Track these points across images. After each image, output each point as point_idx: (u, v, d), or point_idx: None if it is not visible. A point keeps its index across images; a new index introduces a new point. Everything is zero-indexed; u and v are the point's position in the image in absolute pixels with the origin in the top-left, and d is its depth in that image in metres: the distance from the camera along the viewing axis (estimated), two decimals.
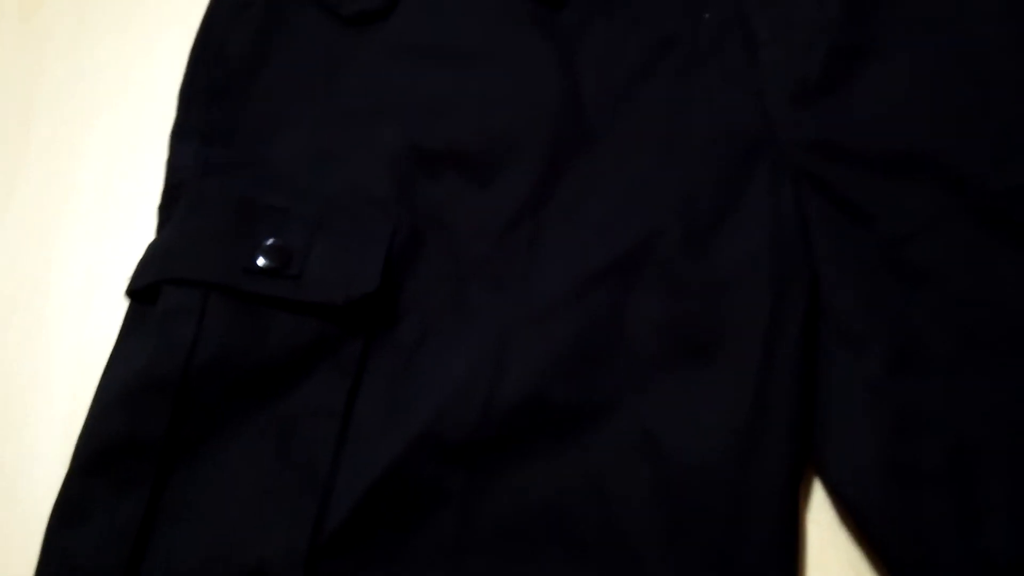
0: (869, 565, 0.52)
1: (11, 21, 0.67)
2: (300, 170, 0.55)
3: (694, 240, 0.53)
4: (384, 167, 0.55)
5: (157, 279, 0.52)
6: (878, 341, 0.51)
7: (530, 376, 0.51)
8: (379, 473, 0.49)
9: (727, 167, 0.54)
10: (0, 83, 0.65)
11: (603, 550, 0.49)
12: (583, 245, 0.54)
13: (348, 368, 0.51)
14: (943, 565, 0.48)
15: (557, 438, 0.50)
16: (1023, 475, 0.48)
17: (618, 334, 0.52)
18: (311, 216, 0.53)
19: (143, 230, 0.59)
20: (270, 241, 0.52)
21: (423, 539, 0.49)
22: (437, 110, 0.56)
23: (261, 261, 0.52)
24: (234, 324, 0.51)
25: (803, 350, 0.51)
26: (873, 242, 0.53)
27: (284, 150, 0.56)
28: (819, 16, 0.56)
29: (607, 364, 0.51)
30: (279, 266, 0.52)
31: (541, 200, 0.55)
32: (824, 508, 0.53)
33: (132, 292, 0.53)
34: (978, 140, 0.53)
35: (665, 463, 0.50)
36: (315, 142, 0.56)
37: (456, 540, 0.49)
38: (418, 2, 0.59)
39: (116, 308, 0.58)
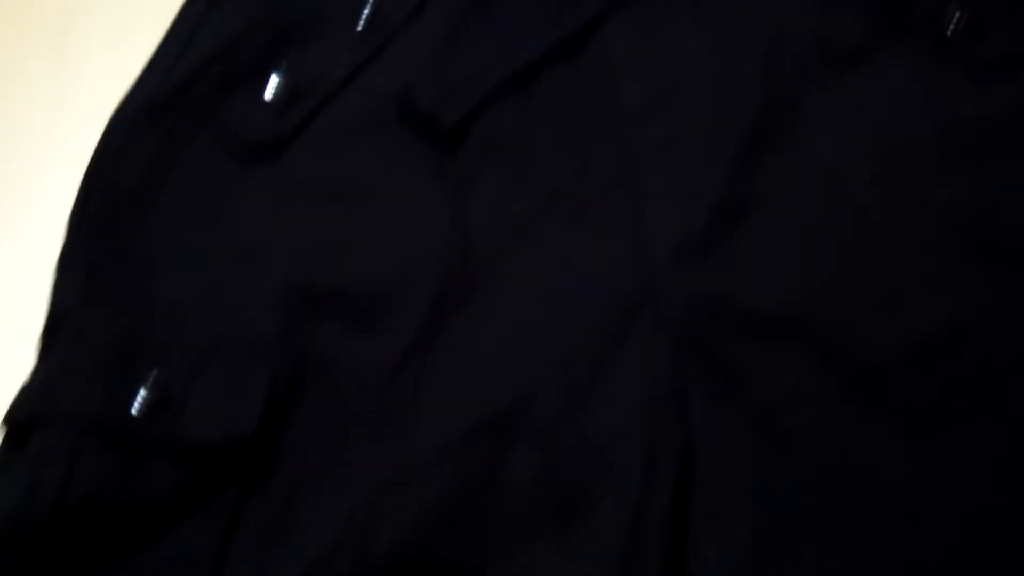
0: None
1: None
2: (185, 307, 0.55)
3: (570, 399, 0.54)
4: (270, 308, 0.55)
5: (31, 415, 0.52)
6: (747, 514, 0.51)
7: (404, 534, 0.51)
8: None
9: (606, 325, 0.55)
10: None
11: None
12: (462, 400, 0.54)
13: (221, 516, 0.51)
14: None
15: None
16: None
17: (492, 493, 0.52)
18: (192, 356, 0.53)
19: None
20: (150, 380, 0.52)
21: None
22: (325, 251, 0.57)
23: (139, 400, 0.52)
24: (107, 466, 0.51)
25: (672, 520, 0.52)
26: (747, 408, 0.53)
27: (171, 285, 0.56)
28: (706, 171, 0.58)
29: (481, 523, 0.52)
30: (156, 406, 0.52)
31: (424, 350, 0.55)
32: None
33: (6, 426, 0.52)
34: (850, 308, 0.55)
35: None
36: (203, 278, 0.56)
37: None
38: (315, 137, 0.59)
39: None
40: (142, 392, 0.52)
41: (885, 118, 0.58)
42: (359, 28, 0.61)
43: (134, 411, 0.52)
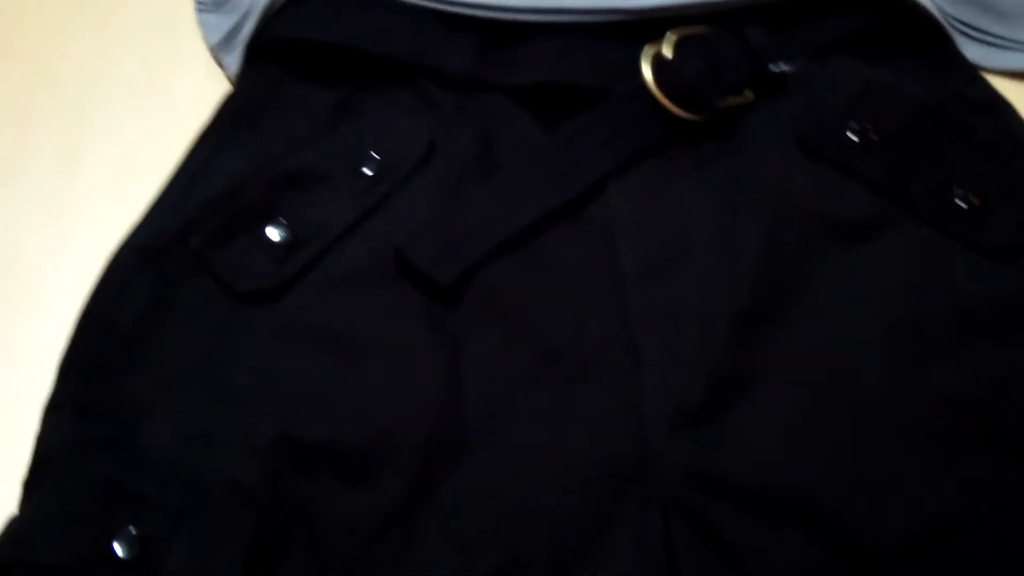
0: None
1: None
2: (171, 454, 0.55)
3: (558, 569, 0.53)
4: (256, 457, 0.55)
5: (12, 561, 0.51)
6: None
7: None
8: None
9: (597, 494, 0.54)
10: None
11: None
12: (450, 563, 0.53)
13: None
14: None
15: None
16: None
17: None
18: (175, 505, 0.53)
19: None
20: (131, 529, 0.52)
21: None
22: (317, 402, 0.56)
23: (119, 550, 0.51)
24: None
25: None
26: None
27: (159, 431, 0.55)
28: (704, 339, 0.57)
29: None
30: (137, 556, 0.51)
31: (413, 508, 0.54)
32: None
33: None
34: (848, 491, 0.54)
35: None
36: (191, 424, 0.55)
37: None
38: (313, 286, 0.59)
39: None
40: (122, 545, 0.51)
41: (890, 297, 0.58)
42: (361, 181, 0.60)
43: (113, 564, 0.51)
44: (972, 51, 0.68)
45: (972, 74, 0.65)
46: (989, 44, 0.68)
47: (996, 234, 0.59)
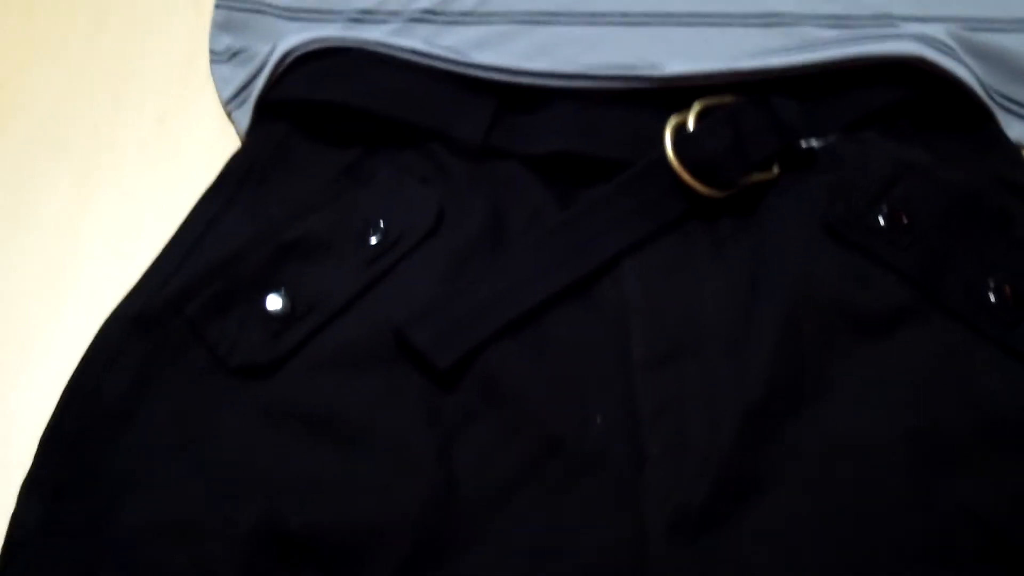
0: None
1: None
2: (147, 542, 0.53)
3: None
4: (237, 546, 0.53)
5: None
6: None
7: None
8: None
9: None
10: None
11: None
12: None
13: None
14: None
15: None
16: None
17: None
18: None
19: None
20: None
21: None
22: (303, 489, 0.54)
23: None
24: None
25: None
26: None
27: (139, 513, 0.54)
28: (712, 438, 0.54)
29: None
30: None
31: None
32: None
33: None
34: None
35: None
36: (173, 507, 0.54)
37: None
38: (308, 362, 0.57)
39: None
40: None
41: (912, 399, 0.55)
42: (366, 251, 0.58)
43: None
44: (1016, 129, 0.64)
45: (1015, 156, 0.62)
46: None
47: None
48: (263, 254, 0.58)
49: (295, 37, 0.63)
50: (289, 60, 0.63)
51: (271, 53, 0.64)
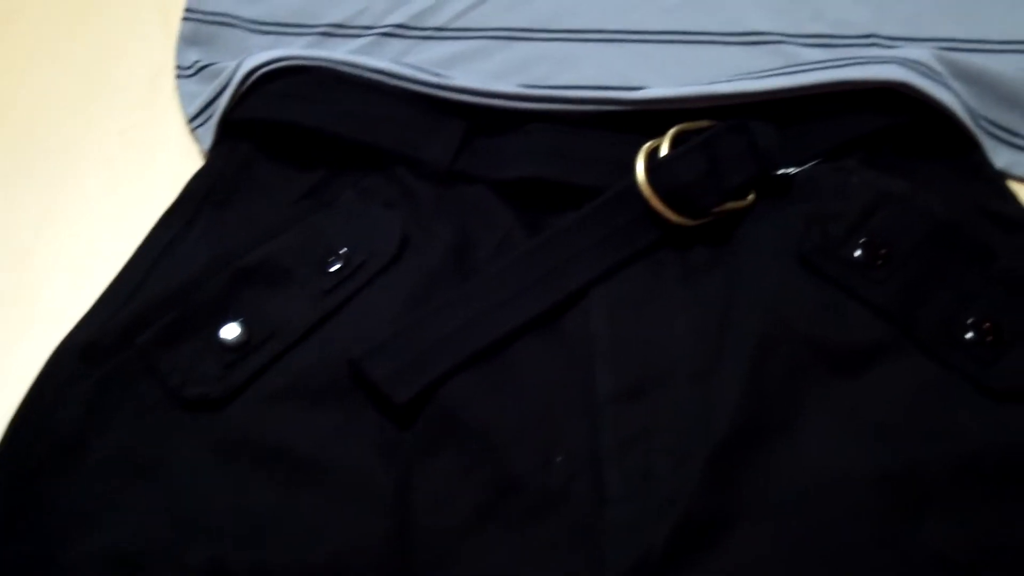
0: None
1: None
2: None
3: None
4: None
5: None
6: None
7: None
8: None
9: None
10: None
11: None
12: None
13: None
14: None
15: None
16: None
17: None
18: None
19: None
20: None
21: None
22: (256, 528, 0.52)
23: None
24: None
25: None
26: None
27: (84, 552, 0.52)
28: (677, 478, 0.53)
29: None
30: None
31: None
32: None
33: None
34: None
35: None
36: (120, 545, 0.52)
37: None
38: (262, 395, 0.55)
39: None
40: None
41: (884, 439, 0.53)
42: (327, 278, 0.57)
43: None
44: (1002, 157, 0.62)
45: (999, 185, 0.60)
46: (1022, 149, 0.62)
47: (1008, 375, 0.54)
48: (220, 281, 0.57)
49: (260, 55, 0.62)
50: (254, 78, 0.61)
51: (236, 70, 0.62)
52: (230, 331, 0.56)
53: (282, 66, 0.61)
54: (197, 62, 0.67)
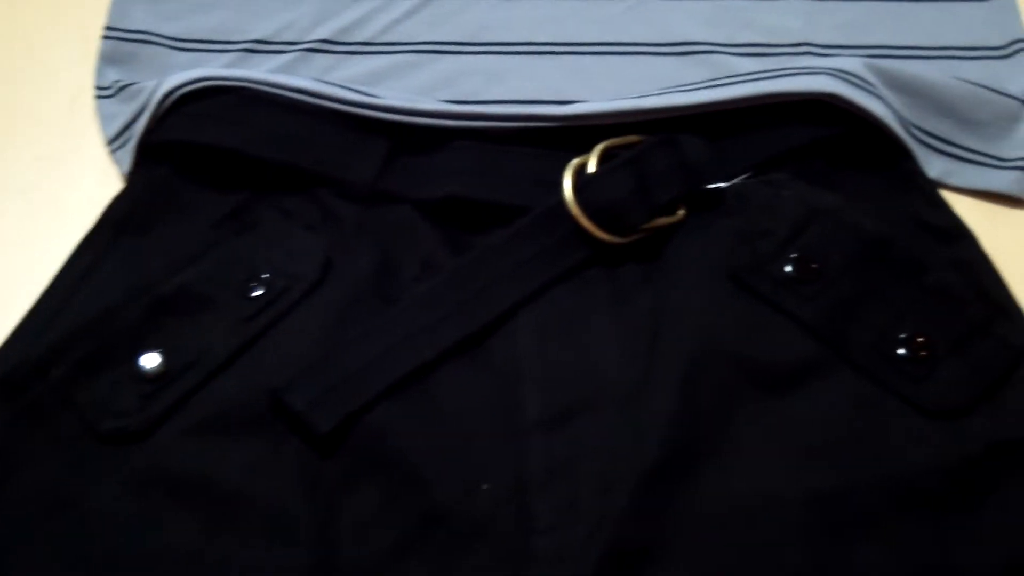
0: None
1: None
2: None
3: None
4: None
5: None
6: None
7: None
8: None
9: None
10: None
11: None
12: None
13: None
14: None
15: None
16: None
17: None
18: None
19: None
20: None
21: None
22: (171, 568, 0.51)
23: None
24: None
25: None
26: None
27: None
28: (604, 504, 0.51)
29: None
30: None
31: None
32: None
33: None
34: None
35: None
36: None
37: None
38: (181, 427, 0.54)
39: None
40: None
41: (815, 460, 0.52)
42: (247, 305, 0.55)
43: None
44: (935, 166, 0.61)
45: (932, 195, 0.59)
46: (956, 158, 0.61)
47: (940, 392, 0.53)
48: (138, 309, 0.55)
49: (179, 75, 0.60)
50: (172, 99, 0.60)
51: (155, 91, 0.60)
52: (149, 361, 0.54)
53: (201, 86, 0.60)
54: (117, 82, 0.65)
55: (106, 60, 0.66)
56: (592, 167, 0.57)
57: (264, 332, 0.55)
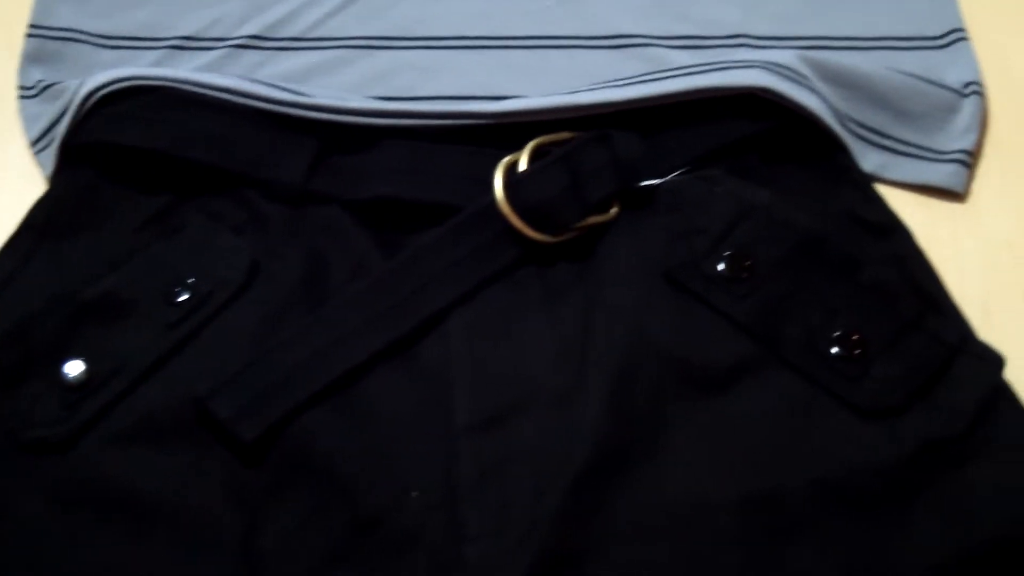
0: None
1: None
2: None
3: None
4: None
5: None
6: None
7: None
8: None
9: None
10: None
11: None
12: None
13: None
14: None
15: None
16: None
17: None
18: None
19: None
20: None
21: None
22: None
23: None
24: None
25: None
26: None
27: None
28: (536, 509, 0.51)
29: None
30: None
31: None
32: None
33: None
34: None
35: None
36: None
37: None
38: (104, 437, 0.53)
39: None
40: None
41: (748, 461, 0.52)
42: (172, 310, 0.54)
43: None
44: (871, 160, 0.61)
45: (866, 190, 0.59)
46: (891, 151, 0.61)
47: (873, 392, 0.52)
48: (61, 316, 0.54)
49: (101, 75, 0.59)
50: (94, 100, 0.58)
51: (77, 91, 0.59)
52: (72, 369, 0.53)
53: (125, 86, 0.58)
54: (41, 81, 0.64)
55: (30, 59, 0.65)
56: (523, 165, 0.56)
57: (189, 338, 0.54)
